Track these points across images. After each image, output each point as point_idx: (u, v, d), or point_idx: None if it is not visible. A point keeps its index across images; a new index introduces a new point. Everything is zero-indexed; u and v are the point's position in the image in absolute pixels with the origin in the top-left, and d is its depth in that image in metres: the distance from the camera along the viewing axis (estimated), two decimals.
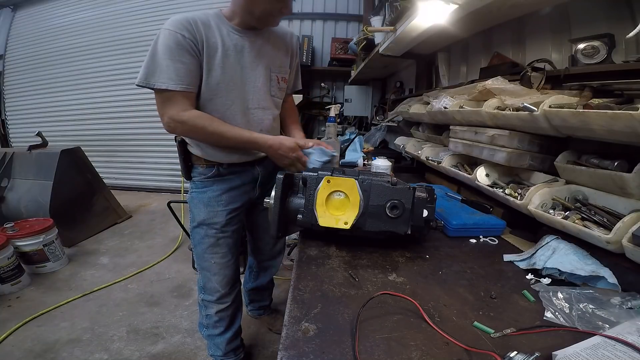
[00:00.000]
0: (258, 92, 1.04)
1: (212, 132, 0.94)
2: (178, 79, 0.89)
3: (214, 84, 0.96)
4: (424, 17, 1.17)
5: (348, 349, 0.43)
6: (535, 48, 1.08)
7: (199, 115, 0.94)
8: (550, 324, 0.50)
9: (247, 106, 1.03)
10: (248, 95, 1.03)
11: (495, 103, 0.93)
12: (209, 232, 1.13)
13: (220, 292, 1.19)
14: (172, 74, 0.88)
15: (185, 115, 0.92)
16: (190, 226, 1.19)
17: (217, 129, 0.95)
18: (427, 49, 1.76)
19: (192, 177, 1.14)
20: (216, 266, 1.16)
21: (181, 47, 0.88)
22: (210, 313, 1.21)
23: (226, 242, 1.16)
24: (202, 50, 0.92)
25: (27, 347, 1.48)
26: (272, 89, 1.09)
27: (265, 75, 1.05)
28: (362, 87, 3.25)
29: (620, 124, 0.55)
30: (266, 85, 1.06)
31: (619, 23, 0.78)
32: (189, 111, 0.93)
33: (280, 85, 1.11)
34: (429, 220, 0.70)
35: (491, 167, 0.98)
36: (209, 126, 0.93)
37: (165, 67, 0.88)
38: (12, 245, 1.93)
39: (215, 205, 1.12)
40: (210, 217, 1.12)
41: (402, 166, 1.78)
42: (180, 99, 0.91)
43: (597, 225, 0.64)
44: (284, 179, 0.72)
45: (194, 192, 1.14)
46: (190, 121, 0.92)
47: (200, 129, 0.94)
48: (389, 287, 0.59)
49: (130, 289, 1.98)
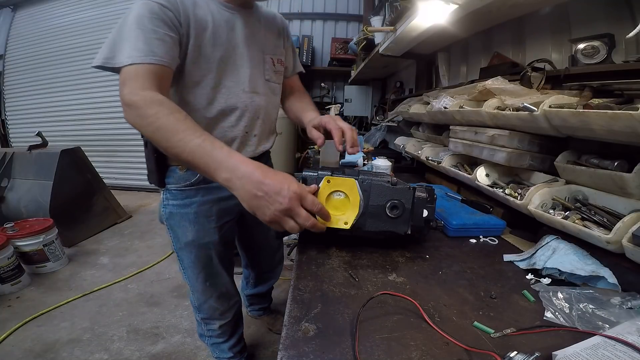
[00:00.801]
0: (252, 74, 0.89)
1: (158, 127, 0.62)
2: (147, 50, 0.67)
3: (204, 62, 0.80)
4: (423, 17, 1.17)
5: (348, 349, 0.43)
6: (535, 48, 1.08)
7: (159, 100, 0.64)
8: (550, 324, 0.50)
9: (242, 89, 0.88)
10: (241, 76, 0.88)
11: (495, 103, 0.93)
12: (201, 254, 0.97)
13: (219, 310, 1.09)
14: (140, 44, 0.66)
15: (139, 95, 0.64)
16: (173, 247, 0.99)
17: (164, 124, 0.62)
18: (427, 49, 1.76)
19: (166, 185, 0.90)
20: (212, 288, 1.04)
21: (156, 17, 0.69)
22: (213, 327, 1.14)
23: (222, 261, 1.03)
24: (189, 26, 0.75)
25: (27, 347, 1.48)
26: (267, 72, 0.95)
27: (259, 57, 0.92)
28: (362, 87, 3.25)
29: (620, 124, 0.55)
30: (260, 68, 0.93)
31: (619, 23, 0.78)
32: (148, 91, 0.65)
33: (277, 68, 0.98)
34: (429, 220, 0.70)
35: (491, 167, 0.98)
36: (160, 117, 0.62)
37: (133, 38, 0.67)
38: (12, 245, 1.93)
39: (205, 222, 0.93)
40: (200, 237, 0.94)
41: (402, 166, 1.78)
42: (145, 75, 0.66)
43: (597, 225, 0.64)
44: None
45: (172, 205, 0.92)
46: (141, 104, 0.63)
47: (150, 119, 0.62)
48: (389, 287, 0.59)
49: (130, 289, 1.98)
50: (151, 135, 0.64)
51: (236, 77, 0.87)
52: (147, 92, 0.65)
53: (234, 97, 0.87)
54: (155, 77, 0.68)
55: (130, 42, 0.67)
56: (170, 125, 0.62)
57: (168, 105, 0.64)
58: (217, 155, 0.59)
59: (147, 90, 0.65)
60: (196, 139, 0.60)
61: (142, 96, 0.64)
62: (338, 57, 3.48)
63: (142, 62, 0.66)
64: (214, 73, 0.83)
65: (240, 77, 0.88)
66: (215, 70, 0.83)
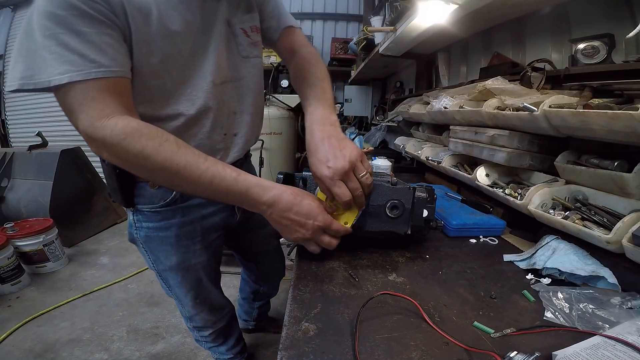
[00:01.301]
0: (219, 59, 0.69)
1: (152, 168, 0.53)
2: (86, 61, 0.50)
3: (155, 61, 0.60)
4: (424, 17, 1.17)
5: (348, 349, 0.43)
6: (535, 48, 1.08)
7: (134, 129, 0.52)
8: (550, 324, 0.50)
9: (210, 81, 0.68)
10: (207, 65, 0.67)
11: (495, 103, 0.93)
12: (188, 276, 0.86)
13: (212, 320, 1.03)
14: (71, 56, 0.49)
15: (106, 128, 0.51)
16: (153, 269, 0.85)
17: (159, 162, 0.53)
18: (427, 49, 1.76)
19: (136, 205, 0.74)
20: (203, 304, 0.96)
21: (79, 12, 0.49)
22: (205, 334, 1.08)
23: (212, 277, 0.94)
24: (126, 16, 0.54)
25: (27, 347, 1.48)
26: (242, 47, 0.74)
27: (226, 32, 0.70)
28: (362, 87, 3.25)
29: (620, 124, 0.55)
30: (231, 46, 0.72)
31: (619, 23, 0.78)
32: (115, 118, 0.52)
33: (253, 39, 0.76)
34: (429, 220, 0.70)
35: (491, 167, 0.98)
36: (149, 153, 0.52)
37: (57, 46, 0.49)
38: (12, 245, 1.93)
39: (190, 244, 0.81)
40: (187, 259, 0.82)
41: (402, 166, 1.78)
42: (98, 95, 0.51)
43: (597, 225, 0.64)
44: (284, 179, 0.72)
45: (147, 229, 0.77)
46: (115, 140, 0.51)
47: (136, 159, 0.53)
48: (389, 287, 0.59)
49: (130, 289, 1.98)
50: (150, 175, 0.59)
51: (200, 68, 0.67)
52: (114, 120, 0.51)
53: (202, 96, 0.68)
54: (112, 95, 0.53)
55: (55, 51, 0.49)
56: (167, 162, 0.52)
57: (149, 133, 0.53)
58: (253, 189, 0.57)
59: (112, 118, 0.51)
60: (228, 174, 0.55)
61: (110, 129, 0.51)
62: (338, 57, 3.48)
63: (85, 77, 0.50)
64: (171, 72, 0.63)
65: (205, 67, 0.68)
66: (173, 68, 0.63)
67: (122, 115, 0.53)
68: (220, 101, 0.72)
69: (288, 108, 2.84)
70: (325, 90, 0.73)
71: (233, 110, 0.76)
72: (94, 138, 0.52)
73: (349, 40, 3.19)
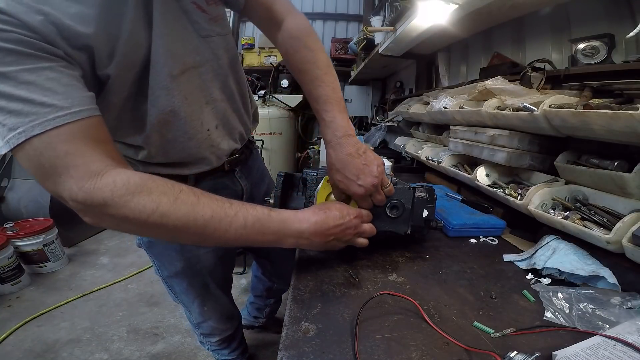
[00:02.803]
0: (171, 43, 0.57)
1: (185, 224, 0.45)
2: (36, 106, 0.39)
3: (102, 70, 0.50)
4: (424, 17, 1.17)
5: (348, 349, 0.43)
6: (535, 48, 1.08)
7: (138, 184, 0.43)
8: (550, 324, 0.50)
9: (168, 74, 0.57)
10: (158, 57, 0.55)
11: (495, 103, 0.93)
12: (195, 282, 0.83)
13: (220, 328, 1.00)
14: (13, 105, 0.39)
15: (105, 190, 0.41)
16: (159, 275, 0.83)
17: (198, 215, 0.45)
18: (427, 49, 1.76)
19: None
20: (211, 311, 0.93)
21: (14, 51, 0.38)
22: (212, 340, 1.06)
23: (220, 283, 0.90)
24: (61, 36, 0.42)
25: (27, 347, 1.47)
26: (197, 25, 0.60)
27: (174, 10, 0.56)
28: (362, 87, 3.26)
29: (620, 124, 0.55)
30: (183, 25, 0.59)
31: (619, 23, 0.78)
32: (108, 174, 0.42)
33: (211, 13, 0.62)
34: (429, 220, 0.70)
35: (491, 167, 0.98)
36: (173, 209, 0.44)
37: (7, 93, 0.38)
38: (12, 245, 1.93)
39: (195, 248, 0.77)
40: (193, 265, 0.78)
41: (402, 166, 1.78)
42: (72, 149, 0.41)
43: (597, 225, 0.64)
44: (284, 179, 0.72)
45: None
46: (122, 203, 0.42)
47: (156, 219, 0.43)
48: (389, 287, 0.59)
49: (130, 289, 1.98)
50: (165, 237, 0.49)
51: (154, 63, 0.55)
52: (108, 176, 0.42)
53: (162, 95, 0.58)
54: (89, 143, 0.42)
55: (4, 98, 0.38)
56: (191, 216, 0.44)
57: (159, 186, 0.44)
58: (268, 230, 0.51)
59: (105, 175, 0.42)
60: (238, 220, 0.48)
61: (109, 189, 0.41)
62: (338, 57, 3.48)
63: (44, 129, 0.39)
64: (123, 77, 0.53)
65: (158, 59, 0.55)
66: (124, 70, 0.52)
67: (115, 168, 0.43)
68: (187, 94, 0.61)
69: (288, 108, 2.84)
70: (335, 89, 0.64)
71: (205, 101, 0.66)
72: (90, 204, 0.41)
73: (349, 40, 3.19)
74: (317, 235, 0.54)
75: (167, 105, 0.59)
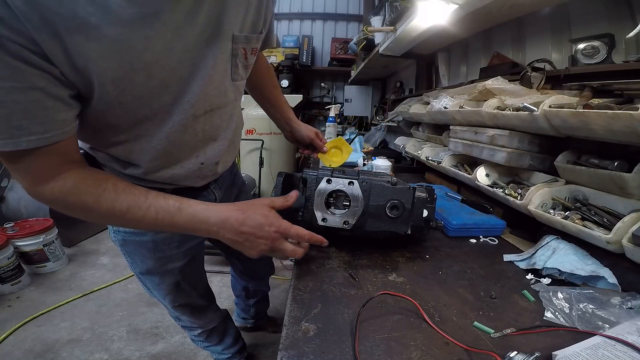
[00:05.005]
0: (208, 85, 0.56)
1: (107, 216, 0.52)
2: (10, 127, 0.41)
3: (104, 103, 0.48)
4: (423, 17, 1.17)
5: (348, 349, 0.43)
6: (535, 48, 1.08)
7: (71, 188, 0.49)
8: (550, 324, 0.50)
9: (192, 114, 0.58)
10: (187, 96, 0.55)
11: (495, 103, 0.93)
12: (165, 280, 0.84)
13: (197, 322, 1.04)
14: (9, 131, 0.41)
15: (46, 193, 0.49)
16: (133, 271, 0.86)
17: (116, 210, 0.51)
18: (427, 49, 1.76)
19: None
20: (182, 307, 0.95)
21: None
22: (196, 333, 1.08)
23: (191, 281, 0.91)
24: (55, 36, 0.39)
25: (27, 347, 1.47)
26: (235, 70, 0.61)
27: (223, 52, 0.55)
28: (362, 87, 3.25)
29: (620, 124, 0.55)
30: (224, 70, 0.59)
31: (619, 23, 0.78)
32: (53, 181, 0.48)
33: (249, 61, 0.63)
34: (429, 220, 0.70)
35: (491, 167, 0.98)
36: (96, 206, 0.50)
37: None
38: (12, 245, 1.93)
39: (167, 249, 0.79)
40: (163, 264, 0.81)
41: (402, 166, 1.78)
42: (35, 164, 0.47)
43: (597, 225, 0.64)
44: (284, 179, 0.72)
45: (124, 232, 0.76)
46: (59, 202, 0.50)
47: (84, 212, 0.52)
48: (389, 287, 0.59)
49: (130, 289, 1.98)
50: (96, 222, 0.56)
51: (178, 99, 0.55)
52: (52, 183, 0.48)
53: (178, 131, 0.59)
54: (49, 159, 0.47)
55: None
56: (110, 211, 0.51)
57: (87, 189, 0.50)
58: (178, 222, 0.54)
59: (50, 182, 0.48)
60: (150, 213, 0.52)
61: (49, 192, 0.49)
62: (338, 57, 3.49)
63: (13, 148, 0.42)
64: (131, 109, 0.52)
65: (187, 96, 0.55)
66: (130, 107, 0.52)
67: (61, 175, 0.49)
68: (199, 132, 0.63)
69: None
70: (286, 101, 1.04)
71: (213, 139, 0.68)
72: (37, 199, 0.51)
73: (349, 40, 3.19)
74: (227, 231, 0.55)
75: (176, 139, 0.60)
